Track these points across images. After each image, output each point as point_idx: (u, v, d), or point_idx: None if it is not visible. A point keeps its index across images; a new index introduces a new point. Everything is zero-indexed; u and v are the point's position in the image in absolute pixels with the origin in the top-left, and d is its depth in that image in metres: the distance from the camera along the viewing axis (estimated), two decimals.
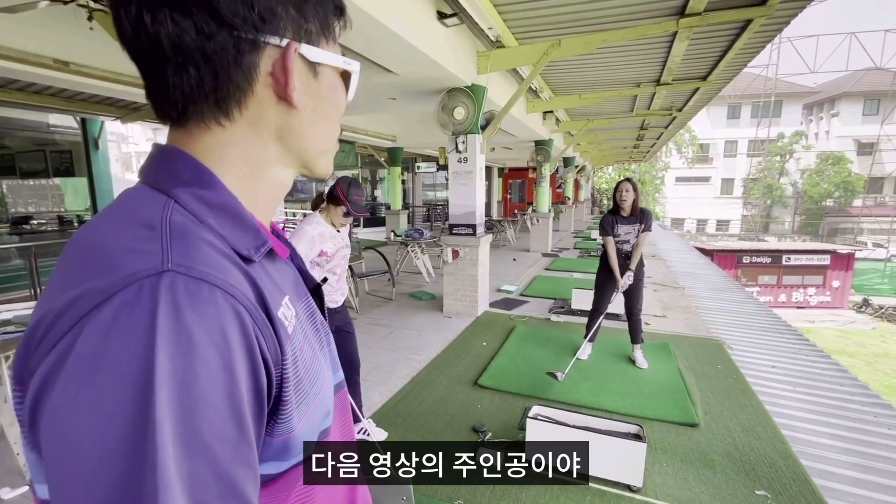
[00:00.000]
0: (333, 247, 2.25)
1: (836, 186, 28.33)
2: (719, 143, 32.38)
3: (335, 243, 2.26)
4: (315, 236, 2.18)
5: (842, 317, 18.27)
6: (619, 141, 13.67)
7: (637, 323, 3.61)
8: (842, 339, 16.02)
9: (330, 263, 2.25)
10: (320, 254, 2.20)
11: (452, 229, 5.03)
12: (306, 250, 2.15)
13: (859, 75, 28.46)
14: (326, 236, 2.22)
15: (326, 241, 2.22)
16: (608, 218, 3.47)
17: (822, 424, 3.07)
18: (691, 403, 2.98)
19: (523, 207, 17.05)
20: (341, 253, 2.31)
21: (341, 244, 2.31)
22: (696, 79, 6.07)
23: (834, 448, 2.80)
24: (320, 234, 2.20)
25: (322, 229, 2.22)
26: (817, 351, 4.64)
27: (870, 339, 16.09)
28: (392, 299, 5.77)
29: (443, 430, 2.71)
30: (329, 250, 2.22)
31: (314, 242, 2.17)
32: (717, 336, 4.51)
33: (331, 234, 2.25)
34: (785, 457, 2.46)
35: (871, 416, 3.25)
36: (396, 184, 10.76)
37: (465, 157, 4.73)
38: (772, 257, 19.37)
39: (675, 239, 16.77)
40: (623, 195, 3.38)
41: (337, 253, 2.28)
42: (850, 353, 14.51)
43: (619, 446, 2.17)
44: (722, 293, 7.37)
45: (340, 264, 2.34)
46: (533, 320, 4.96)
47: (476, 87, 4.53)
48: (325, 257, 2.21)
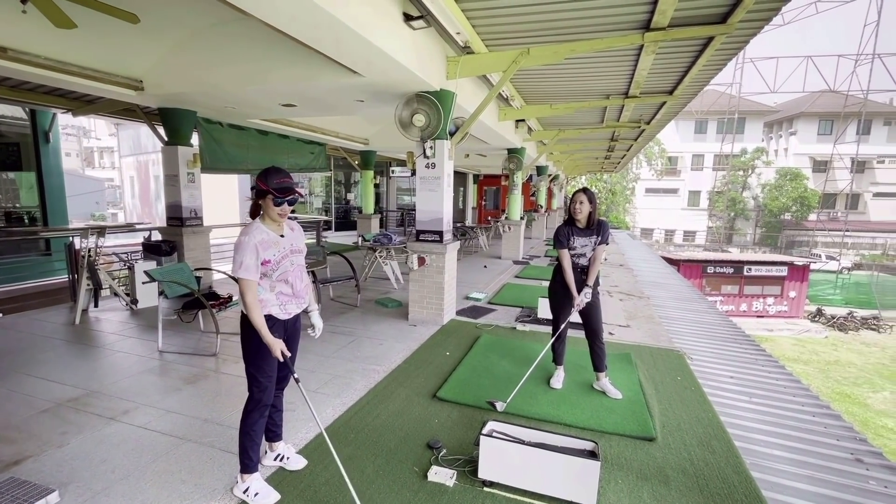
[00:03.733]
0: (277, 253, 2.09)
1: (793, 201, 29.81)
2: (687, 156, 33.58)
3: (279, 250, 2.10)
4: (256, 245, 2.03)
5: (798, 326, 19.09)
6: (590, 151, 13.90)
7: (601, 349, 3.30)
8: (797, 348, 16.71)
9: (277, 272, 2.10)
10: (263, 263, 2.05)
11: (419, 235, 4.93)
12: (252, 260, 2.01)
13: (815, 97, 30.09)
14: (268, 243, 2.07)
15: (268, 249, 2.06)
16: (563, 229, 3.25)
17: (775, 436, 3.11)
18: (649, 416, 2.96)
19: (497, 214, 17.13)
20: (289, 259, 2.14)
21: (287, 251, 2.13)
22: (663, 93, 6.19)
23: (785, 460, 2.82)
24: (260, 241, 2.04)
25: (262, 237, 2.06)
26: (773, 361, 4.75)
27: (822, 348, 16.85)
28: (357, 306, 5.61)
29: (396, 447, 2.59)
30: (272, 258, 2.07)
31: (257, 252, 2.03)
32: (678, 347, 4.55)
33: (273, 240, 2.09)
34: (738, 471, 2.45)
35: (822, 427, 3.31)
36: (369, 187, 10.59)
37: (432, 162, 4.65)
38: (734, 268, 20.10)
39: (644, 248, 17.18)
40: (577, 206, 3.18)
41: (283, 260, 2.11)
42: (805, 361, 15.14)
43: (574, 465, 2.11)
44: (686, 303, 7.52)
45: (291, 271, 2.16)
46: (499, 329, 4.89)
47: (444, 92, 4.46)
48: (268, 266, 2.06)
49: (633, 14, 3.70)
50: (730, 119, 30.22)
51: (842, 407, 11.42)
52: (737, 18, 3.62)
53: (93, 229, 5.17)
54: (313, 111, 6.09)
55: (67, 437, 2.59)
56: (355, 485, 2.21)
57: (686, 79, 5.36)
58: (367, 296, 6.06)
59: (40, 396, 3.07)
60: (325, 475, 2.32)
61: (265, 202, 2.06)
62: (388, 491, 2.20)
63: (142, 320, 4.87)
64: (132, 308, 5.24)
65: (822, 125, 30.99)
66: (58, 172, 8.29)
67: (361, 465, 2.40)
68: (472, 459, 2.42)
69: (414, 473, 2.36)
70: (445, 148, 4.64)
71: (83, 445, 2.51)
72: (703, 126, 32.89)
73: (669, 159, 33.28)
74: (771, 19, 3.79)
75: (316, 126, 8.08)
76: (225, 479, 2.23)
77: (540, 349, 4.12)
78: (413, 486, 2.25)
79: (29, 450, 2.47)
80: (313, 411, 2.17)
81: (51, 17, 3.02)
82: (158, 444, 2.53)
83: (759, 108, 32.03)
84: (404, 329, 4.73)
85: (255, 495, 2.10)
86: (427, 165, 4.69)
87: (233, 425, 2.69)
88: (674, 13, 3.62)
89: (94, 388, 3.20)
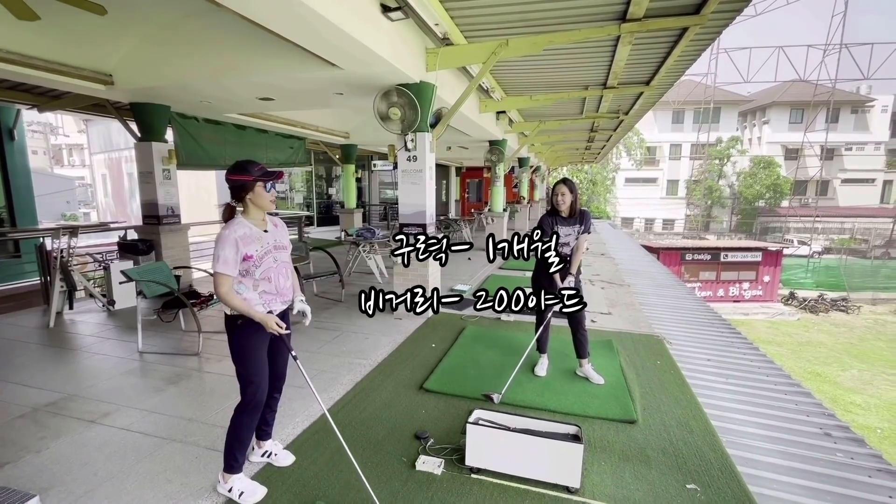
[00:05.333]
0: (260, 249, 2.05)
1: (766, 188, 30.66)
2: (665, 146, 34.18)
3: (261, 245, 2.06)
4: (237, 239, 1.99)
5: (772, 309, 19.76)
6: (571, 143, 14.03)
7: (584, 336, 3.39)
8: (771, 330, 17.32)
9: (260, 269, 2.05)
10: (245, 258, 2.01)
11: (402, 229, 4.92)
12: (232, 255, 1.97)
13: (787, 86, 30.88)
14: (250, 238, 2.03)
15: (251, 243, 2.02)
16: (547, 220, 3.30)
17: (750, 414, 3.24)
18: (631, 400, 3.05)
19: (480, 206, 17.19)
20: (272, 256, 2.09)
21: (270, 246, 2.09)
22: (640, 83, 6.28)
23: (759, 437, 2.94)
24: (242, 236, 2.00)
25: (244, 231, 2.02)
26: (747, 343, 4.92)
27: (795, 329, 17.51)
28: (342, 301, 5.59)
29: (384, 439, 2.62)
30: (254, 253, 2.02)
31: (237, 246, 1.99)
32: (658, 332, 4.67)
33: (255, 235, 2.05)
34: (714, 449, 2.55)
35: (793, 405, 3.46)
36: (350, 182, 10.51)
37: (414, 155, 4.63)
38: (711, 255, 20.63)
39: (624, 237, 17.48)
40: (559, 198, 3.24)
41: (266, 256, 2.07)
42: (779, 343, 15.71)
43: (558, 449, 2.16)
44: (665, 289, 7.70)
45: (274, 268, 2.11)
46: (484, 320, 4.95)
47: (425, 84, 4.44)
48: (251, 261, 2.02)
49: (609, 5, 3.74)
50: (706, 109, 30.85)
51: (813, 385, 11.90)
52: (710, 9, 3.70)
53: (65, 229, 5.01)
54: (292, 105, 5.99)
55: (46, 441, 2.53)
56: (343, 477, 2.22)
57: (662, 69, 5.45)
58: (351, 290, 6.04)
59: (16, 402, 2.99)
60: (314, 469, 2.33)
61: (254, 193, 2.03)
62: (378, 481, 2.22)
63: (120, 321, 4.76)
64: (109, 309, 5.11)
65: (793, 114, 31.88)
66: (24, 171, 7.98)
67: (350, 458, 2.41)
68: (459, 448, 2.46)
69: (402, 464, 2.38)
70: (427, 140, 4.62)
71: (63, 449, 2.46)
72: (681, 116, 33.49)
73: (648, 149, 33.82)
74: (742, 10, 3.87)
75: (295, 120, 7.95)
76: (212, 478, 2.22)
77: (524, 338, 4.19)
78: (402, 476, 2.28)
79: (6, 456, 2.40)
80: (314, 390, 2.16)
81: (12, 9, 2.89)
82: (142, 445, 2.50)
83: (733, 97, 32.73)
84: (389, 323, 4.73)
85: (240, 494, 2.09)
86: (409, 158, 4.67)
87: (218, 423, 2.67)
88: (649, 4, 3.67)
89: (73, 392, 3.13)
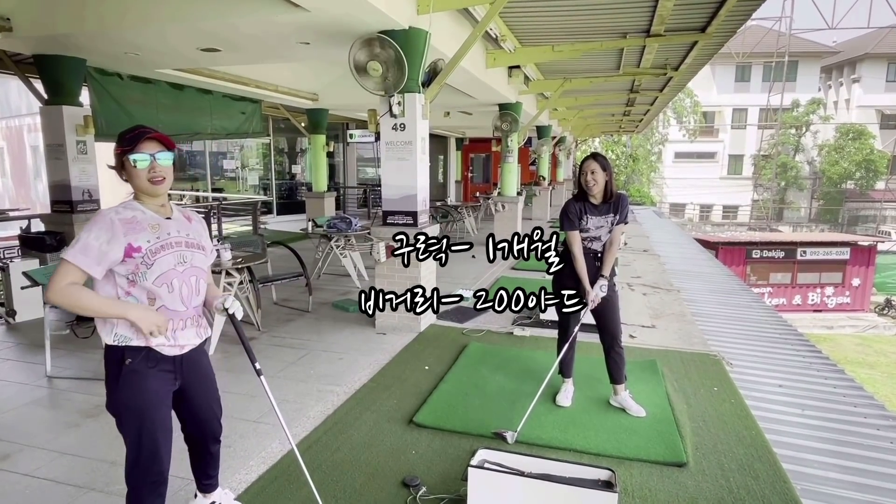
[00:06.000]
0: (155, 240, 1.79)
1: (857, 166, 30.66)
2: (726, 111, 34.22)
3: (158, 235, 1.80)
4: (117, 222, 1.74)
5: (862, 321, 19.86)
6: (604, 106, 14.04)
7: (619, 356, 3.35)
8: (861, 348, 17.40)
9: (154, 271, 1.78)
10: (129, 251, 1.73)
11: (387, 218, 4.94)
12: (98, 242, 1.70)
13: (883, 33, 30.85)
14: (140, 224, 1.78)
15: (140, 231, 1.77)
16: (573, 206, 3.26)
17: (832, 455, 3.26)
18: (679, 437, 3.07)
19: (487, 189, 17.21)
20: (176, 254, 1.84)
21: (172, 239, 1.84)
22: (694, 30, 6.29)
23: (844, 484, 2.97)
24: (127, 219, 1.77)
25: (132, 214, 1.79)
26: (830, 365, 4.95)
27: (892, 347, 17.58)
28: (309, 311, 5.61)
29: (363, 487, 2.63)
30: (144, 245, 1.76)
31: (114, 230, 1.72)
32: (715, 350, 4.70)
33: (149, 220, 1.81)
34: (786, 499, 2.57)
35: (888, 443, 3.49)
36: (319, 157, 10.51)
37: (401, 122, 4.64)
38: (785, 251, 20.71)
39: (673, 229, 17.53)
40: (589, 178, 3.15)
41: (164, 251, 1.80)
42: (871, 364, 15.79)
43: (586, 499, 2.18)
44: (725, 296, 7.74)
45: (177, 272, 1.83)
46: (491, 335, 4.97)
47: (415, 31, 4.44)
48: (138, 256, 1.75)
49: None
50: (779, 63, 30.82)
51: None
52: None
53: None
54: (244, 58, 5.99)
55: None
56: None
57: (723, 10, 5.45)
58: (321, 297, 6.06)
59: None
60: None
61: (128, 173, 1.80)
62: None
63: (22, 338, 4.76)
64: (9, 322, 5.13)
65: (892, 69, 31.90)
66: None
67: None
68: (459, 499, 2.47)
69: None
70: (418, 103, 4.63)
71: None
72: (746, 72, 33.51)
73: (704, 115, 33.86)
74: None
75: (248, 78, 7.94)
76: None
77: (542, 357, 4.21)
78: None
79: None
80: (282, 420, 2.14)
81: None
82: (52, 496, 2.51)
83: (814, 48, 32.77)
84: (370, 338, 4.75)
85: None
86: (395, 127, 4.68)
87: None
88: None
89: None
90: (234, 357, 4.16)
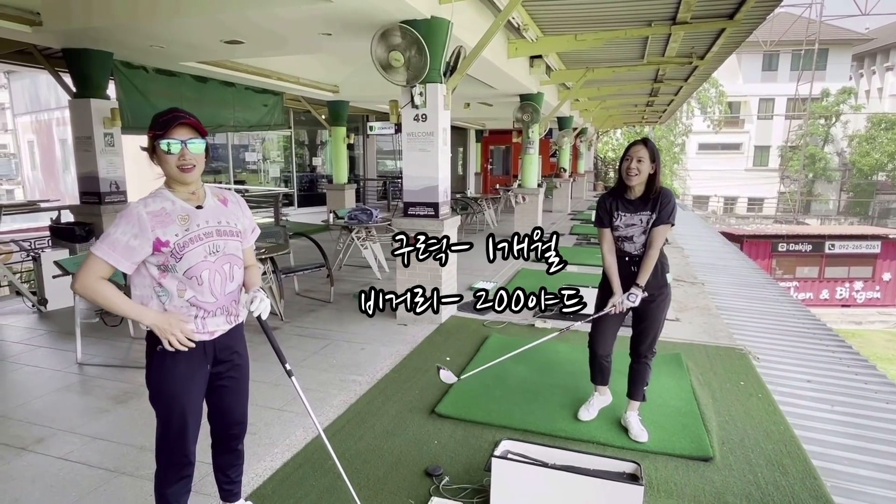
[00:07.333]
0: (184, 233, 1.77)
1: (889, 157, 29.76)
2: (752, 101, 33.44)
3: (188, 227, 1.78)
4: (145, 215, 1.72)
5: (893, 317, 19.34)
6: (627, 97, 13.84)
7: (644, 368, 2.99)
8: (892, 344, 16.96)
9: (183, 263, 1.77)
10: (157, 246, 1.73)
11: (408, 209, 4.95)
12: (126, 238, 1.70)
13: None
14: (169, 217, 1.76)
15: (169, 224, 1.75)
16: (605, 201, 2.96)
17: (863, 452, 3.19)
18: (705, 431, 3.03)
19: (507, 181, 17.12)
20: (207, 244, 1.81)
21: (203, 231, 1.81)
22: (721, 17, 6.14)
23: (876, 482, 2.90)
24: (155, 212, 1.74)
25: (161, 206, 1.76)
26: (860, 360, 4.84)
27: None
28: (330, 302, 5.66)
29: (386, 476, 2.65)
30: (172, 239, 1.74)
31: (142, 225, 1.71)
32: (741, 344, 4.63)
33: (179, 212, 1.78)
34: (817, 496, 2.52)
35: None
36: (340, 149, 10.55)
37: (423, 113, 4.63)
38: (812, 244, 20.26)
39: (697, 222, 17.26)
40: (633, 164, 2.73)
41: (195, 244, 1.78)
42: None
43: (611, 491, 2.16)
44: (751, 290, 7.62)
45: (208, 264, 1.82)
46: (513, 327, 4.96)
47: (437, 20, 4.41)
48: (167, 250, 1.74)
49: None
50: (808, 51, 29.97)
51: None
52: None
53: None
54: (266, 50, 6.02)
55: None
56: None
57: None
58: (342, 288, 6.10)
59: None
60: None
61: (158, 158, 1.76)
62: None
63: (54, 325, 4.89)
64: (40, 310, 5.26)
65: None
66: None
67: (343, 499, 2.45)
68: (481, 489, 2.47)
69: None
70: (440, 94, 4.61)
71: None
72: (774, 61, 32.66)
73: (730, 106, 33.15)
74: None
75: (270, 70, 8.00)
76: None
77: (565, 350, 4.19)
78: None
79: None
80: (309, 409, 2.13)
81: None
82: (84, 478, 2.57)
83: (845, 35, 31.79)
84: (391, 329, 4.77)
85: None
86: (416, 117, 4.67)
87: None
88: None
89: None
90: (258, 346, 4.20)
